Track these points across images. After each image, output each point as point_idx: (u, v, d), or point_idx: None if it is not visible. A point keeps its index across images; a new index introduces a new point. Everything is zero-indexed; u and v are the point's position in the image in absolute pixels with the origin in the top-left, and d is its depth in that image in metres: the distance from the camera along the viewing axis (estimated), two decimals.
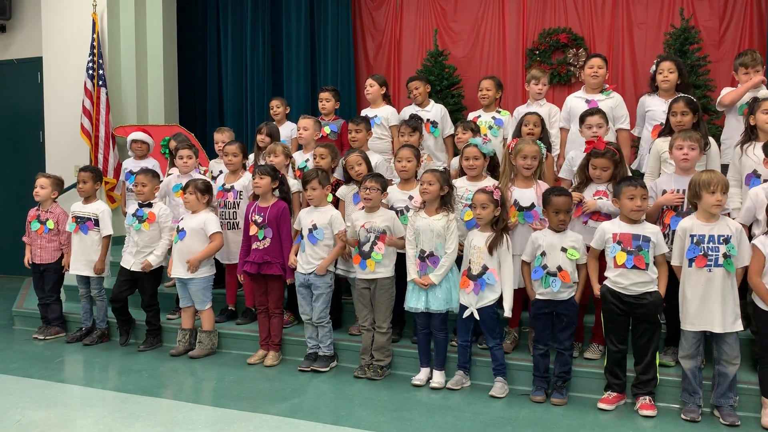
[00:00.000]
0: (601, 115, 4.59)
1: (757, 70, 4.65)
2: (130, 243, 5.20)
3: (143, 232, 5.14)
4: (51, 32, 7.46)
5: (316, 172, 4.64)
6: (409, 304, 4.31)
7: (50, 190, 5.56)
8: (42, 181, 5.57)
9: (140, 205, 5.20)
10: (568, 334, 4.04)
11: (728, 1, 6.29)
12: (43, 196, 5.53)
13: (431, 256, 4.25)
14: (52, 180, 5.59)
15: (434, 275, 4.22)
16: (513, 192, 4.36)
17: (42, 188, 5.54)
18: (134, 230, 5.15)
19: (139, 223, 5.15)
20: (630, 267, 3.80)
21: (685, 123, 4.32)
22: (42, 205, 5.58)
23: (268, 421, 3.78)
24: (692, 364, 3.76)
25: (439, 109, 5.69)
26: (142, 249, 5.15)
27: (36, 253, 5.57)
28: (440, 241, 4.24)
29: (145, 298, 5.20)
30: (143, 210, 5.17)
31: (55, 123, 7.43)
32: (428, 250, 4.26)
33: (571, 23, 6.75)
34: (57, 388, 4.38)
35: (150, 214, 5.14)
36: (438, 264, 4.23)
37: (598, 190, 4.27)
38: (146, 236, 5.15)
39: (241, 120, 7.94)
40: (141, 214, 5.16)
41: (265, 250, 4.70)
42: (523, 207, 4.31)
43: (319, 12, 7.66)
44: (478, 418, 3.80)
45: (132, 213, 5.21)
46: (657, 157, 4.48)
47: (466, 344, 4.27)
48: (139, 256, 5.15)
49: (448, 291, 4.25)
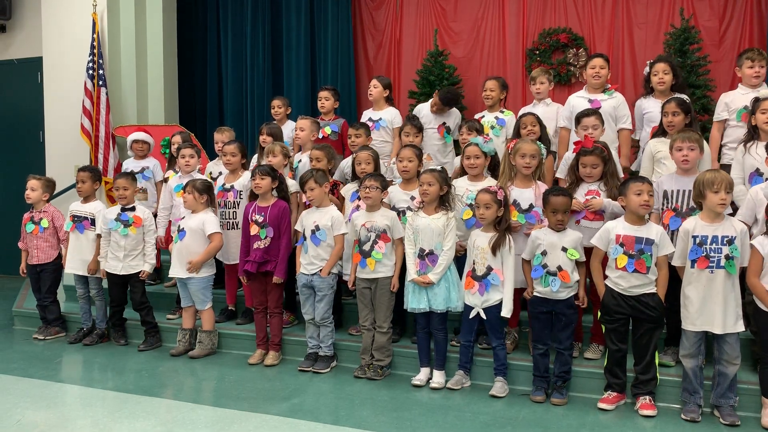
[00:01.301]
0: (598, 116, 4.61)
1: (762, 65, 4.66)
2: (114, 247, 5.18)
3: (130, 236, 5.15)
4: (51, 32, 7.46)
5: (311, 172, 4.64)
6: (411, 305, 4.31)
7: (41, 192, 5.54)
8: (32, 183, 5.56)
9: (123, 209, 5.20)
10: (568, 334, 4.04)
11: (728, 1, 6.29)
12: (34, 198, 5.53)
13: (431, 255, 4.25)
14: (43, 182, 5.58)
15: (433, 274, 4.22)
16: (512, 192, 4.37)
17: (32, 190, 5.53)
18: (120, 234, 5.15)
19: (125, 227, 5.15)
20: (631, 271, 3.81)
21: (676, 123, 4.37)
22: (35, 207, 5.57)
23: (268, 421, 3.78)
24: (693, 363, 3.76)
25: (455, 115, 5.70)
26: (130, 252, 5.15)
27: (33, 254, 5.56)
28: (440, 239, 4.24)
29: (137, 297, 5.21)
30: (127, 214, 5.17)
31: (55, 123, 7.43)
32: (428, 249, 4.26)
33: (571, 23, 6.75)
34: (57, 388, 4.38)
35: (135, 217, 5.15)
36: (437, 263, 4.24)
37: (590, 190, 4.26)
38: (133, 240, 5.16)
39: (241, 120, 7.93)
40: (126, 219, 5.16)
41: (265, 249, 4.70)
42: (523, 209, 4.31)
43: (319, 12, 7.66)
44: (478, 418, 3.80)
45: (115, 218, 5.19)
46: (650, 158, 4.51)
47: (468, 344, 4.27)
48: (128, 259, 5.15)
49: (447, 290, 4.24)
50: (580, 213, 4.24)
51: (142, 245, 5.19)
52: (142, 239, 5.19)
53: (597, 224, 4.15)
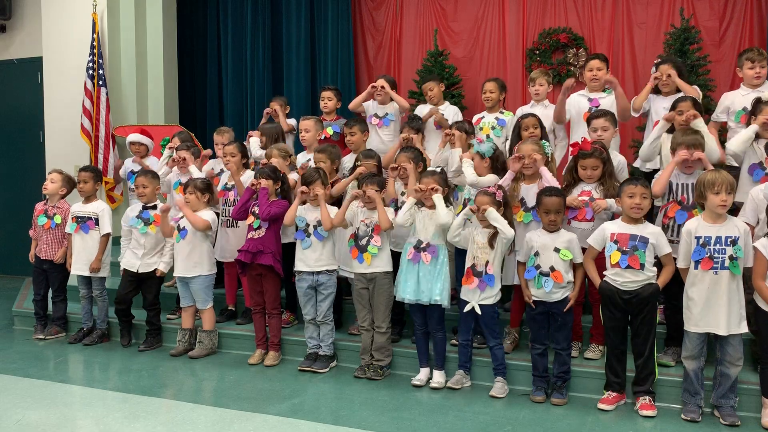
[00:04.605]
0: (608, 118, 4.56)
1: (762, 65, 4.65)
2: (134, 245, 5.20)
3: (150, 235, 5.15)
4: (51, 32, 7.46)
5: (317, 173, 4.64)
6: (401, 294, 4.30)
7: (59, 185, 5.53)
8: (53, 175, 5.55)
9: (144, 207, 5.20)
10: (564, 335, 4.04)
11: (728, 1, 6.29)
12: (51, 189, 5.51)
13: (429, 247, 4.25)
14: (64, 176, 5.57)
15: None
16: (521, 189, 4.36)
17: (52, 182, 5.51)
18: (140, 233, 5.15)
19: (145, 225, 5.15)
20: (624, 267, 3.81)
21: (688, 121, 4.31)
22: (50, 200, 5.56)
23: (268, 421, 3.78)
24: (695, 365, 3.75)
25: (453, 111, 5.69)
26: (149, 251, 5.15)
27: (41, 249, 5.55)
28: (437, 231, 4.24)
29: (149, 297, 5.21)
30: (148, 212, 5.17)
31: (55, 123, 7.43)
32: (425, 241, 4.27)
33: (571, 23, 6.75)
34: (57, 388, 4.38)
35: (156, 216, 5.14)
36: (435, 253, 4.22)
37: (584, 191, 4.26)
38: (152, 239, 5.16)
39: (241, 120, 7.93)
40: (147, 216, 5.16)
41: (260, 240, 4.70)
42: (530, 207, 4.31)
43: (319, 12, 7.66)
44: (478, 418, 3.80)
45: (136, 215, 5.21)
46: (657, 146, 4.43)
47: (466, 343, 4.27)
48: (146, 258, 5.15)
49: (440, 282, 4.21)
50: (572, 213, 4.23)
51: (162, 244, 5.19)
52: (162, 238, 5.18)
53: (587, 225, 4.17)
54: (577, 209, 4.22)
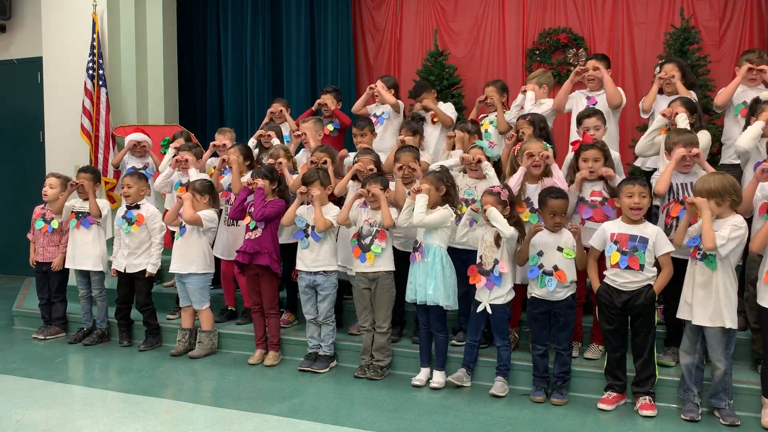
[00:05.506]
0: (599, 117, 4.62)
1: (762, 68, 4.65)
2: (122, 245, 5.21)
3: (133, 234, 5.15)
4: (51, 32, 7.45)
5: (317, 173, 4.64)
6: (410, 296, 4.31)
7: (59, 191, 5.53)
8: (52, 180, 5.55)
9: (128, 207, 5.20)
10: (567, 335, 4.04)
11: (728, 1, 6.28)
12: (51, 195, 5.51)
13: (420, 247, 4.27)
14: (62, 181, 5.57)
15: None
16: (527, 189, 4.37)
17: (51, 188, 5.52)
18: (124, 233, 5.16)
19: (129, 225, 5.15)
20: (623, 267, 3.81)
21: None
22: (49, 205, 5.57)
23: (268, 421, 3.78)
24: (688, 360, 3.77)
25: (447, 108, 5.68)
26: (133, 251, 5.15)
27: (39, 252, 5.58)
28: (427, 231, 4.25)
29: (141, 298, 5.21)
30: (132, 212, 5.18)
31: (55, 123, 7.42)
32: (419, 241, 4.28)
33: (571, 23, 6.75)
34: (57, 388, 4.38)
35: (138, 215, 5.15)
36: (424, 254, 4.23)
37: (594, 191, 4.26)
38: (136, 238, 5.16)
39: (241, 120, 7.92)
40: (130, 216, 5.17)
41: (256, 240, 4.70)
42: (535, 208, 4.31)
43: (319, 12, 7.65)
44: (478, 418, 3.80)
45: (121, 215, 5.21)
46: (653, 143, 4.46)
47: (474, 343, 4.26)
48: (131, 257, 5.15)
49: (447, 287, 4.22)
50: (586, 213, 4.24)
51: (147, 244, 5.19)
52: (148, 237, 5.18)
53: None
54: (593, 209, 4.22)
